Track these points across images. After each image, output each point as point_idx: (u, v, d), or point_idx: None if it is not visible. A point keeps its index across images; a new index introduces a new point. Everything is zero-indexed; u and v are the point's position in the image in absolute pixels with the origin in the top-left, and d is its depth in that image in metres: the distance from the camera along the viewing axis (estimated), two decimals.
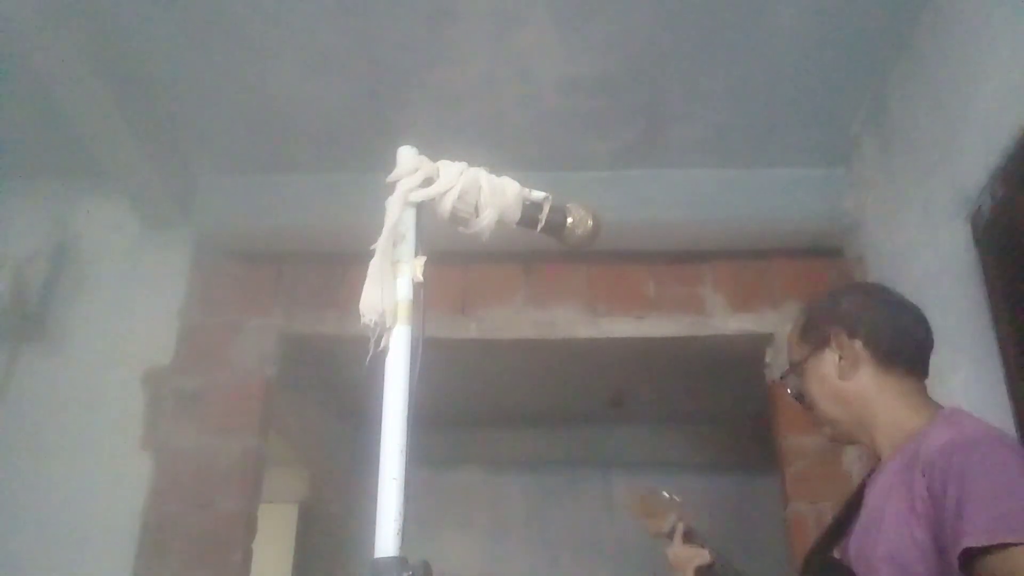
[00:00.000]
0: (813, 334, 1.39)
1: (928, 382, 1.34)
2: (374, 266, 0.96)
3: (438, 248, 1.02)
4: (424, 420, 0.95)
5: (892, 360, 1.32)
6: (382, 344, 0.93)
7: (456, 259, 2.53)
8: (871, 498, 1.25)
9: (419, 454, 0.86)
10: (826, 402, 1.36)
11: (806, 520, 2.28)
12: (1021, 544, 0.99)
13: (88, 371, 2.53)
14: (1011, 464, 1.07)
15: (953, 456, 1.09)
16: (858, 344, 1.33)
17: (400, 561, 0.81)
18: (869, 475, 1.32)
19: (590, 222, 1.08)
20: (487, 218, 1.02)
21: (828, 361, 1.35)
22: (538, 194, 1.07)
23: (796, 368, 1.41)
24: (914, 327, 1.36)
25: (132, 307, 2.62)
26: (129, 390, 2.50)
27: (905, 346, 1.34)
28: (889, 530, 1.16)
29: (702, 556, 1.70)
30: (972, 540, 1.00)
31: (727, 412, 3.91)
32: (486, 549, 4.21)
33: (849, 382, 1.33)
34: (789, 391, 1.46)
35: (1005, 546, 0.99)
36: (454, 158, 1.04)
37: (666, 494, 1.83)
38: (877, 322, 1.35)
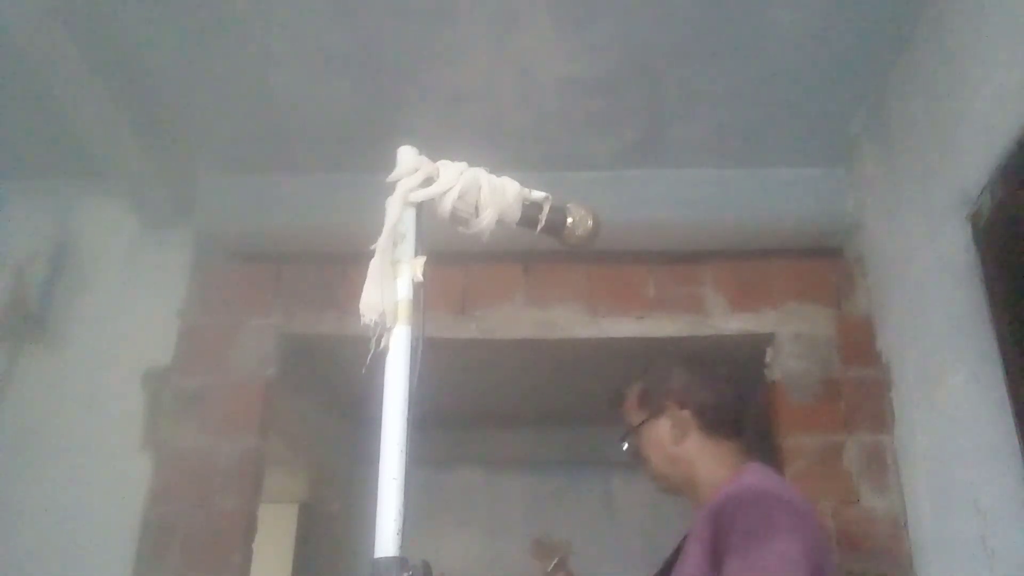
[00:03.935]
0: (649, 403, 1.68)
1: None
2: (374, 266, 0.96)
3: (438, 248, 1.02)
4: (424, 420, 0.94)
5: (714, 428, 1.61)
6: (382, 344, 0.93)
7: (456, 259, 2.53)
8: (686, 544, 1.49)
9: (419, 454, 0.86)
10: (659, 461, 1.65)
11: None
12: None
13: (88, 371, 2.53)
14: (767, 514, 1.33)
15: (726, 508, 1.35)
16: (688, 414, 1.62)
17: (400, 561, 0.81)
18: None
19: (590, 222, 1.09)
20: (487, 218, 1.02)
21: (662, 427, 1.64)
22: (538, 194, 1.07)
23: (633, 430, 1.69)
24: (733, 399, 1.66)
25: (132, 307, 2.62)
26: (129, 390, 2.49)
27: (726, 416, 1.63)
28: (689, 572, 1.41)
29: None
30: None
31: None
32: (486, 549, 4.20)
33: (678, 446, 1.61)
34: (625, 448, 1.72)
35: None
36: (454, 158, 1.04)
37: (559, 542, 2.17)
38: (703, 396, 1.64)
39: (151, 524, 2.33)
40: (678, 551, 1.57)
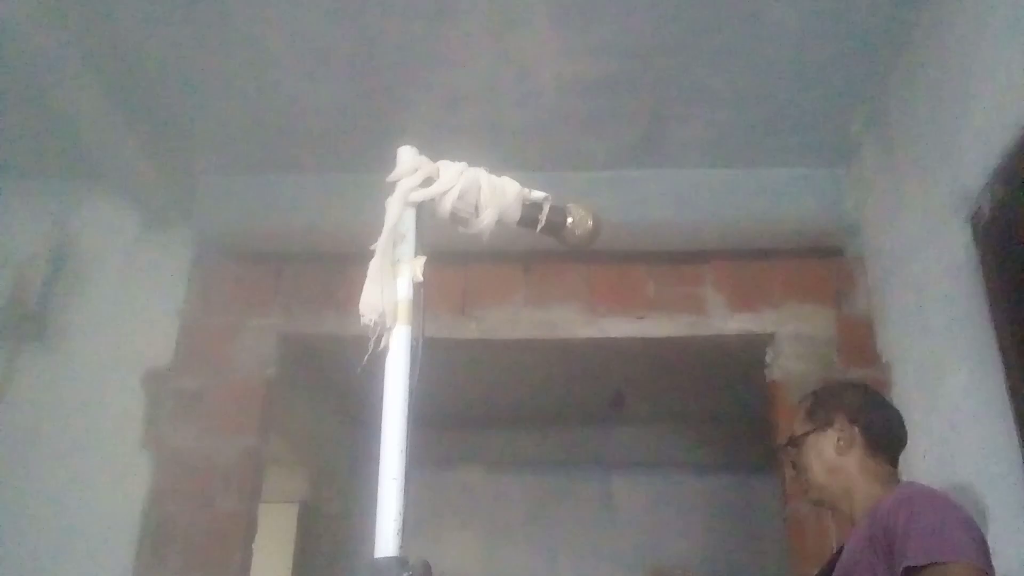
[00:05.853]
0: (819, 415, 1.71)
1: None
2: (374, 266, 0.96)
3: (438, 248, 1.01)
4: (424, 420, 0.94)
5: (877, 448, 1.65)
6: (382, 344, 0.93)
7: (456, 259, 2.53)
8: (845, 555, 1.55)
9: (419, 454, 0.86)
10: (818, 471, 1.68)
11: (806, 520, 2.27)
12: (948, 563, 1.30)
13: (88, 371, 2.53)
14: (943, 509, 1.42)
15: (901, 504, 1.43)
16: (856, 430, 1.66)
17: (400, 561, 0.81)
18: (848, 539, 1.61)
19: (590, 222, 1.08)
20: (487, 218, 1.02)
21: (828, 438, 1.67)
22: (538, 194, 1.07)
23: (798, 440, 1.71)
24: (899, 428, 1.70)
25: (132, 307, 2.62)
26: (129, 390, 2.50)
27: (891, 440, 1.68)
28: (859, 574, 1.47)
29: None
30: (912, 560, 1.31)
31: (727, 412, 3.91)
32: (486, 549, 4.20)
33: (841, 457, 1.65)
34: (788, 458, 1.76)
35: (936, 564, 1.30)
36: (454, 158, 1.03)
37: (680, 571, 2.05)
38: (874, 416, 1.68)
39: (151, 524, 2.33)
40: (833, 564, 1.61)
